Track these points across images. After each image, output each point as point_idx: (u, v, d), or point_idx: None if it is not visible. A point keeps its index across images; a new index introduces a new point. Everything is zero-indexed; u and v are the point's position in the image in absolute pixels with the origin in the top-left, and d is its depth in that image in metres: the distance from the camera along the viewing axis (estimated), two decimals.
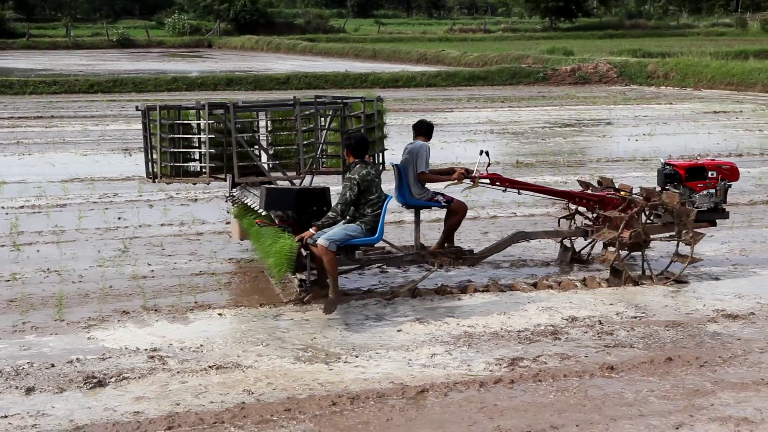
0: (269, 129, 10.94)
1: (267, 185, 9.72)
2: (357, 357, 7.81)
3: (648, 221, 10.31)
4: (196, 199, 14.72)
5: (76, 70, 45.81)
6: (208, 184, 11.00)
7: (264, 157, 10.76)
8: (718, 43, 56.30)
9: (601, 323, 8.65)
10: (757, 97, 33.44)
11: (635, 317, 8.86)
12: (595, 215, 10.66)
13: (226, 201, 11.26)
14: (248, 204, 10.13)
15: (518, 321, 8.75)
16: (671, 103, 30.91)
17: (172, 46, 75.44)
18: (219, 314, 8.98)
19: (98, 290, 9.79)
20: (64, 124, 25.21)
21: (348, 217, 9.05)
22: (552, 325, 8.60)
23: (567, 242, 11.01)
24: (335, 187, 11.08)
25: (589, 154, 19.69)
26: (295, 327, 8.61)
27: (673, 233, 10.16)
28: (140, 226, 12.77)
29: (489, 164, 10.54)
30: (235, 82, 37.71)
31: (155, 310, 9.07)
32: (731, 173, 10.78)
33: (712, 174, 10.66)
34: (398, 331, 8.48)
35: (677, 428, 6.45)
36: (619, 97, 33.68)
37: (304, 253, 8.99)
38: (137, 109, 10.67)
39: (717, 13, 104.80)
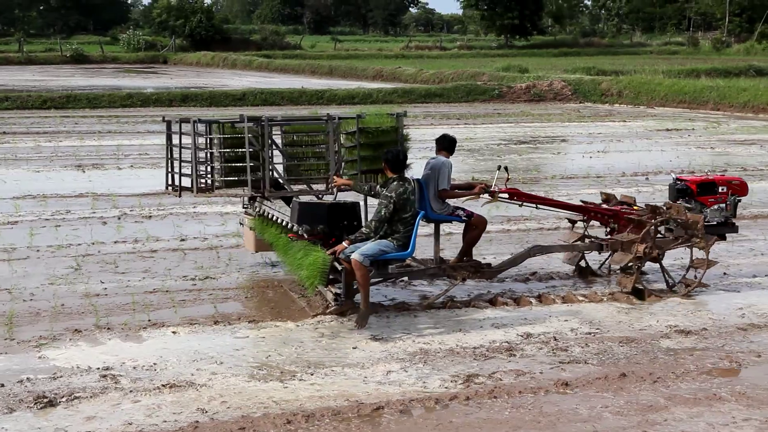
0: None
1: (299, 200, 9.91)
2: (312, 374, 7.77)
3: (660, 236, 10.48)
4: (150, 216, 14.60)
5: (29, 85, 45.37)
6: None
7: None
8: (670, 62, 57.12)
9: (555, 339, 8.68)
10: (709, 114, 33.89)
11: (590, 333, 8.90)
12: (609, 229, 10.90)
13: (248, 210, 11.17)
14: (271, 216, 10.25)
15: (474, 337, 8.76)
16: (625, 121, 31.23)
17: (126, 62, 75.01)
18: (173, 332, 8.89)
19: (50, 308, 9.66)
20: (17, 140, 24.90)
21: (380, 233, 9.17)
22: (507, 342, 8.62)
23: (582, 263, 11.16)
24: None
25: (544, 171, 19.81)
26: (249, 345, 8.55)
27: (686, 243, 10.37)
28: (93, 244, 12.63)
29: (508, 179, 10.70)
30: (190, 99, 37.54)
31: (108, 329, 8.97)
32: (741, 188, 11.05)
33: (722, 189, 10.89)
34: (354, 348, 8.45)
35: None
36: (574, 114, 33.97)
37: (339, 267, 9.10)
38: (163, 120, 10.71)
39: (669, 32, 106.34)
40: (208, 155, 10.40)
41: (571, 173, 19.13)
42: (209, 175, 10.46)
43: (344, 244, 9.07)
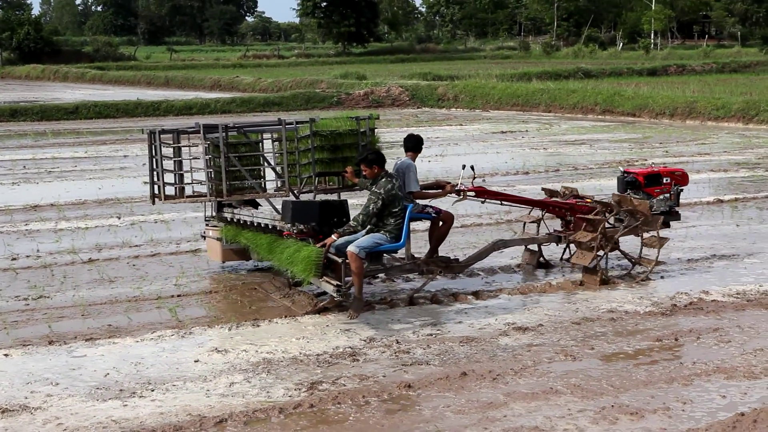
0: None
1: (290, 200, 10.24)
2: (153, 391, 7.61)
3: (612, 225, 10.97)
4: None
5: None
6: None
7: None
8: (503, 66, 58.64)
9: (398, 342, 8.77)
10: (541, 116, 34.91)
11: (431, 335, 9.02)
12: (566, 222, 11.42)
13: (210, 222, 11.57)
14: (245, 222, 10.82)
15: (317, 344, 8.76)
16: (461, 125, 31.86)
17: None
18: (5, 355, 8.56)
19: None
20: None
21: (369, 227, 9.70)
22: (351, 347, 8.65)
23: (534, 247, 11.68)
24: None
25: None
26: (87, 363, 8.31)
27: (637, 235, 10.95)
28: None
29: (474, 177, 11.32)
30: (19, 113, 36.35)
31: None
32: (682, 178, 11.70)
33: (666, 180, 11.48)
34: (196, 361, 8.32)
35: None
36: (412, 119, 34.44)
37: (339, 260, 9.41)
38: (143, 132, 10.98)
39: (502, 37, 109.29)
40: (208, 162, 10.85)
41: None
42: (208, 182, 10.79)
43: (333, 237, 9.57)
